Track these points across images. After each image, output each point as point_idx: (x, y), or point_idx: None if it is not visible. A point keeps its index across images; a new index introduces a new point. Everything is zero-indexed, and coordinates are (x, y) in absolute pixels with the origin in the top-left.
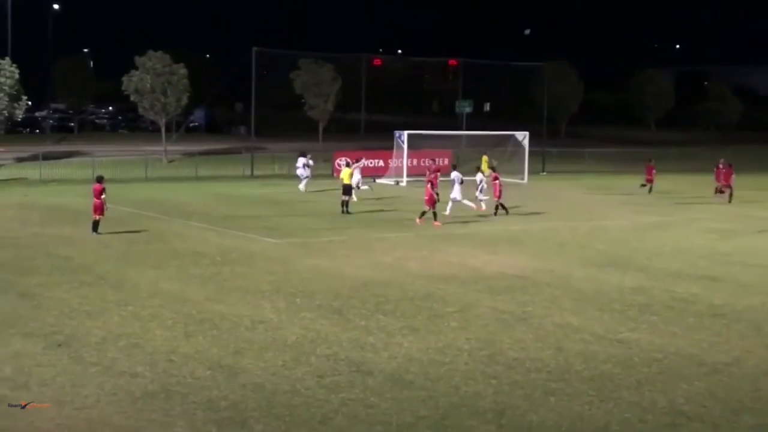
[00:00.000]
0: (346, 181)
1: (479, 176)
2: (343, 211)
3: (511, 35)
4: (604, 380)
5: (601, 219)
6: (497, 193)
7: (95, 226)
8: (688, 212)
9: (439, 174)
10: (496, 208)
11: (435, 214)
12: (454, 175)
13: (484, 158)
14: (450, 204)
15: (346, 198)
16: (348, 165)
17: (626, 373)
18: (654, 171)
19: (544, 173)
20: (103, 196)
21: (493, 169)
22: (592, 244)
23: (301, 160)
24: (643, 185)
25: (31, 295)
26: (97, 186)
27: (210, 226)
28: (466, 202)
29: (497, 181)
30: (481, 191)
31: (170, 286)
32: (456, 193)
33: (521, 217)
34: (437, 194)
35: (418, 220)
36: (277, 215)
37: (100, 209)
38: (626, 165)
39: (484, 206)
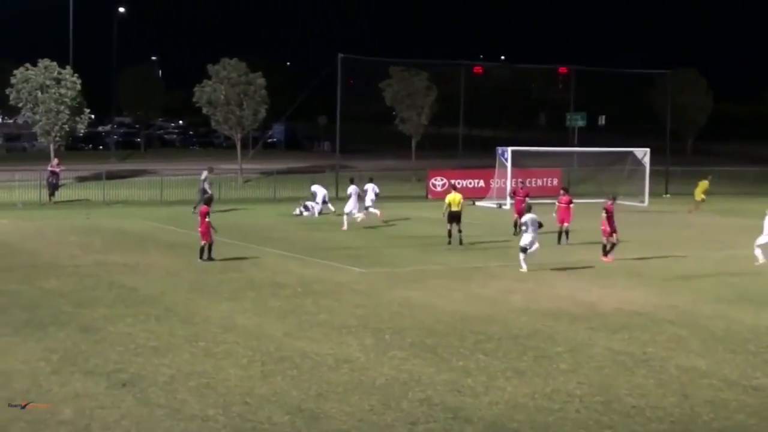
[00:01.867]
0: (455, 208)
1: (351, 188)
2: (449, 242)
3: (629, 39)
4: None
5: (733, 248)
6: (566, 218)
7: (201, 252)
8: None
9: (528, 197)
10: (560, 235)
11: (605, 248)
12: (352, 189)
13: (704, 183)
14: (345, 217)
15: (454, 227)
16: (455, 188)
17: (763, 425)
18: None
19: (667, 195)
20: (207, 219)
21: (565, 190)
22: (722, 277)
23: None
24: None
25: (93, 329)
26: (204, 208)
27: (290, 254)
28: (357, 213)
29: (570, 205)
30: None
31: (246, 320)
32: (350, 206)
33: (641, 245)
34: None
35: (603, 259)
36: (365, 242)
37: (206, 234)
38: (763, 186)
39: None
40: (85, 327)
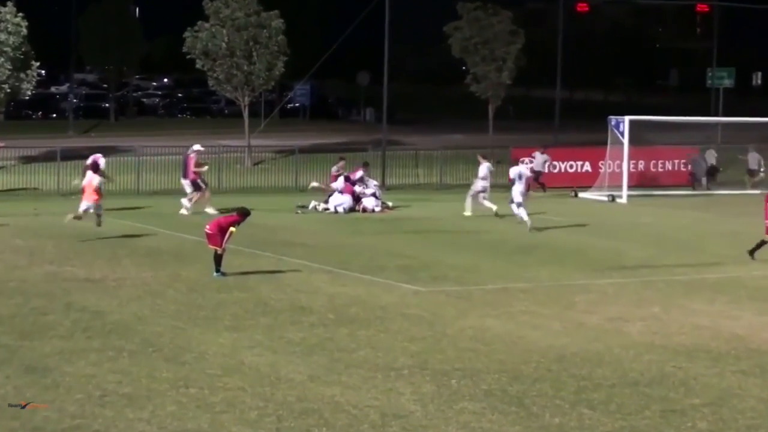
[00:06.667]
0: None
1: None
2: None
3: None
4: None
5: None
6: None
7: (218, 262)
8: None
9: None
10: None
11: None
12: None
13: None
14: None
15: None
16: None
17: None
18: None
19: None
20: (232, 229)
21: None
22: None
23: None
24: None
25: (43, 369)
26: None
27: (317, 265)
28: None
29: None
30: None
31: (255, 357)
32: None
33: None
34: None
35: None
36: (422, 248)
37: (214, 238)
38: None
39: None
40: (32, 366)
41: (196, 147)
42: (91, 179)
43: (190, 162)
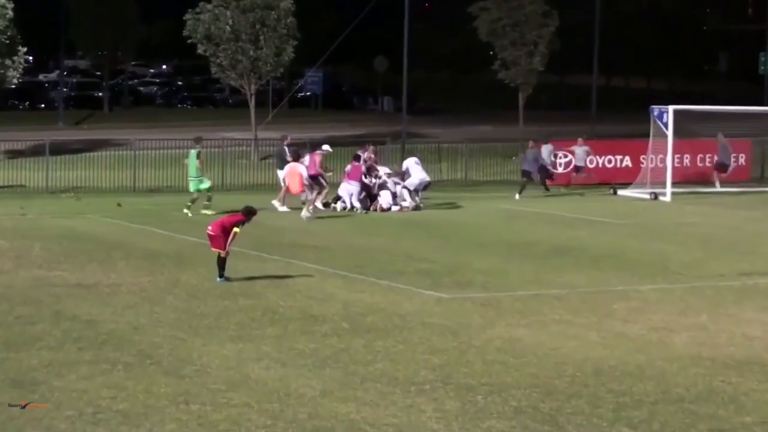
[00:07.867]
0: None
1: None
2: None
3: None
4: None
5: None
6: None
7: (222, 266)
8: None
9: None
10: None
11: None
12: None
13: None
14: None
15: None
16: None
17: None
18: None
19: None
20: (236, 229)
21: None
22: None
23: None
24: None
25: (31, 383)
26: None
27: (330, 269)
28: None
29: None
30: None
31: (263, 370)
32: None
33: None
34: None
35: None
36: (445, 251)
37: (217, 240)
38: None
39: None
40: (19, 380)
41: (325, 147)
42: (294, 167)
43: (315, 159)
